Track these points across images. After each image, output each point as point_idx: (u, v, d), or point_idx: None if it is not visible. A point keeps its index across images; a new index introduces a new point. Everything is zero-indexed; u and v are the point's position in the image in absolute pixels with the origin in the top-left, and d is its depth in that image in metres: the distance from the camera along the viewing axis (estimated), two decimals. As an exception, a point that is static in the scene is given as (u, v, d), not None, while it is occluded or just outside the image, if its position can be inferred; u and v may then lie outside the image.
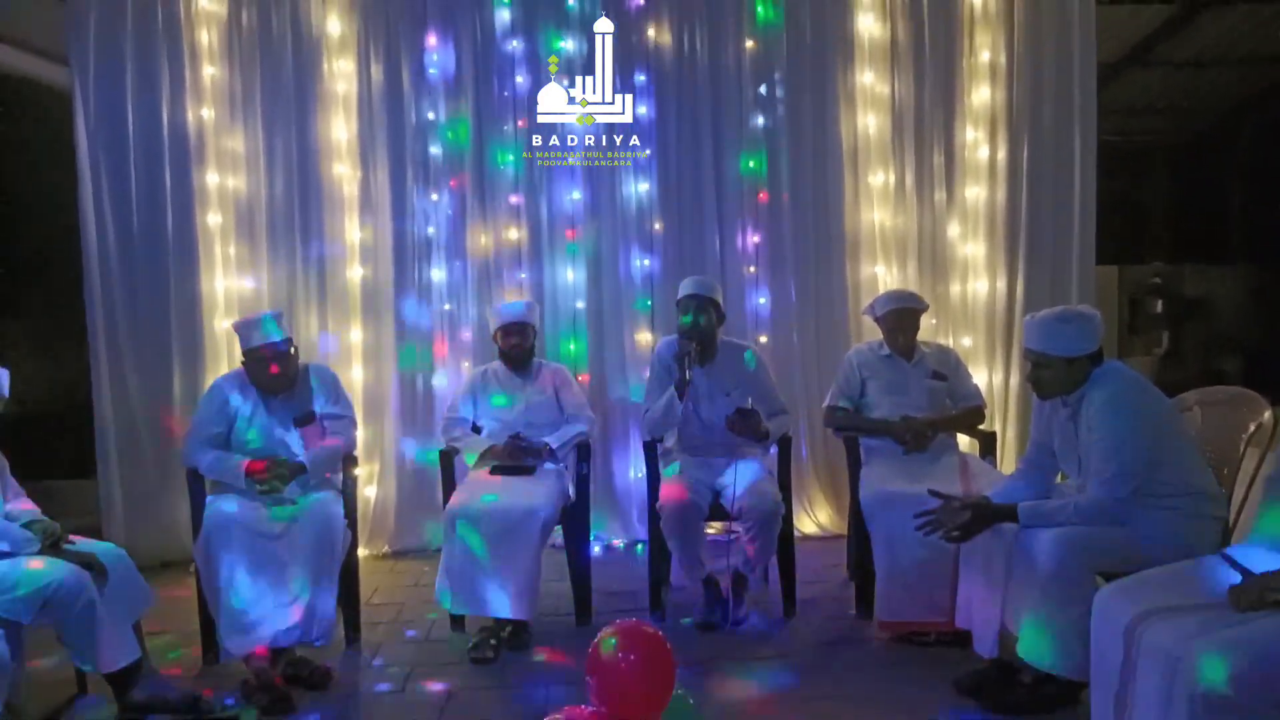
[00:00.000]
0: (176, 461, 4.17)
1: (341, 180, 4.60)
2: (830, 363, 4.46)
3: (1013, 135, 4.69)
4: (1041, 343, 2.77)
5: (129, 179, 4.42)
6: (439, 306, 4.66)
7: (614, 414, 4.69)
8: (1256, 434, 2.79)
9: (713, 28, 4.64)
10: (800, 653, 3.27)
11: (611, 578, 4.07)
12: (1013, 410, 4.72)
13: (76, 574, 2.68)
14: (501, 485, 3.53)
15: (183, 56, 4.44)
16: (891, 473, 3.46)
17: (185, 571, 3.93)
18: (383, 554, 4.61)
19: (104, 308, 4.43)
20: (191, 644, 3.31)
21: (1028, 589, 2.67)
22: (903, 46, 4.68)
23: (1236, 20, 6.81)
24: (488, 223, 4.65)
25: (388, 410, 4.65)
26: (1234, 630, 1.95)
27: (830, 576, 4.08)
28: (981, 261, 4.76)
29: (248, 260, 4.58)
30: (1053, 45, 4.63)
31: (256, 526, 3.11)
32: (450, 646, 3.41)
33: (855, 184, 4.71)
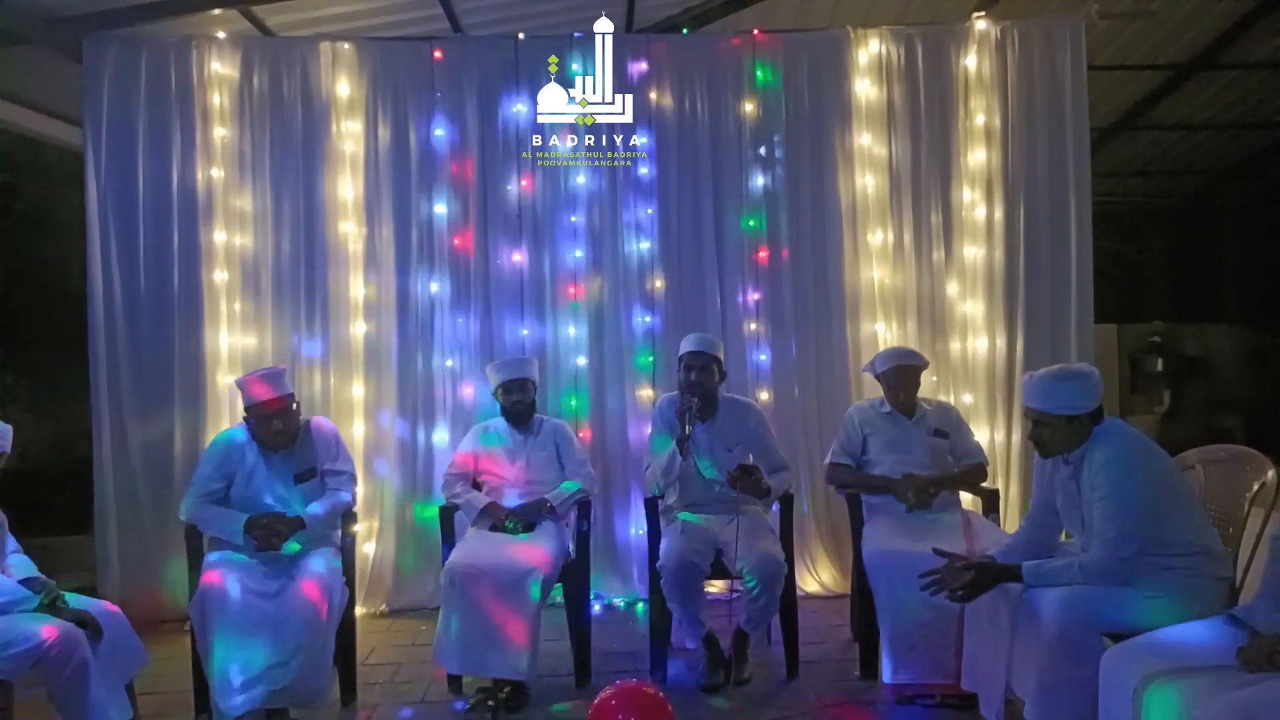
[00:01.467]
0: (174, 519, 4.15)
1: (347, 238, 4.66)
2: (831, 420, 4.47)
3: (1009, 196, 4.75)
4: (1041, 401, 2.78)
5: (137, 237, 4.48)
6: (441, 362, 4.68)
7: (615, 470, 4.68)
8: (1260, 493, 2.79)
9: (712, 91, 4.74)
10: (804, 714, 3.21)
11: (612, 637, 4.02)
12: (1015, 468, 4.71)
13: (71, 633, 2.65)
14: (501, 543, 3.50)
15: (194, 118, 4.53)
16: (894, 531, 3.44)
17: (180, 629, 3.88)
18: (380, 612, 4.55)
19: (107, 363, 4.45)
20: (186, 704, 3.26)
21: (1034, 649, 2.63)
22: (899, 109, 4.77)
23: (1223, 87, 6.98)
24: (490, 279, 4.69)
25: (391, 466, 4.64)
26: (1243, 692, 1.92)
27: (834, 636, 4.03)
28: (981, 319, 4.79)
29: (253, 316, 4.61)
30: (1046, 109, 4.72)
31: (253, 585, 3.09)
32: (447, 707, 3.35)
33: (854, 243, 4.77)
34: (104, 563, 4.41)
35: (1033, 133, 4.73)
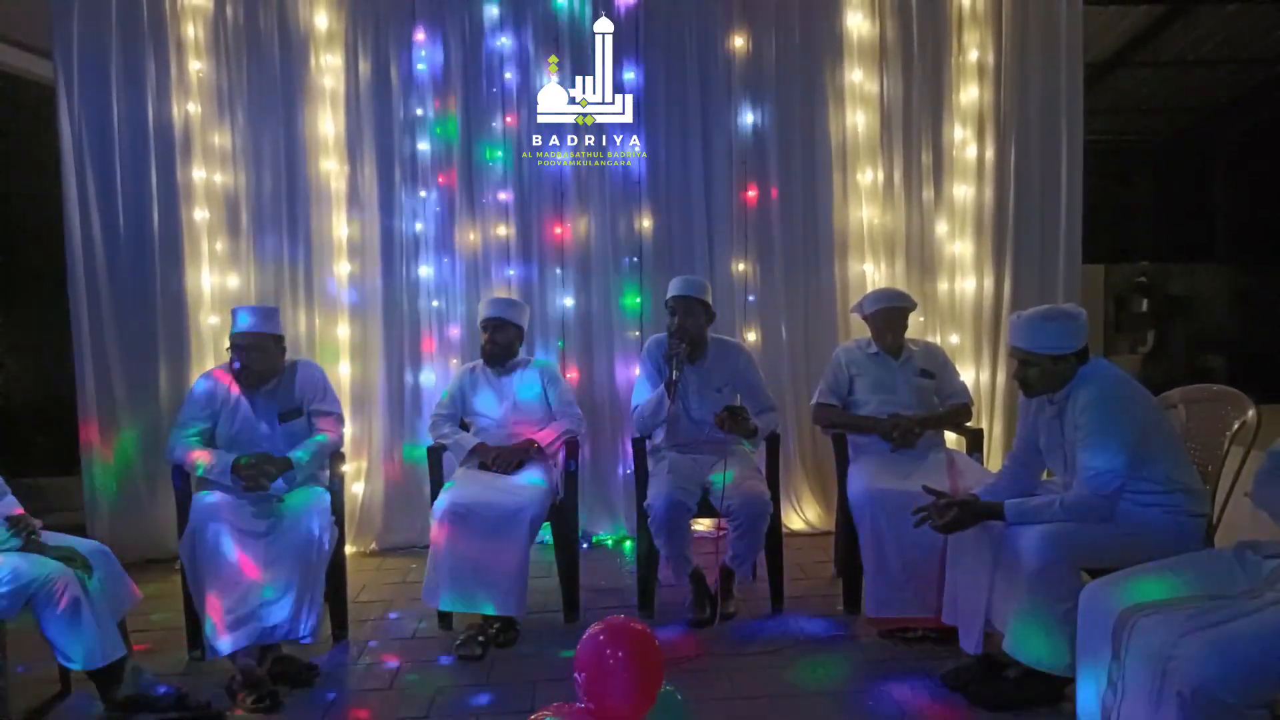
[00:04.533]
0: (161, 458, 4.15)
1: (329, 176, 4.58)
2: (818, 360, 4.48)
3: (1000, 134, 4.71)
4: (1027, 341, 2.79)
5: (114, 174, 4.39)
6: (427, 303, 4.64)
7: (602, 411, 4.69)
8: (1240, 432, 2.82)
9: (701, 23, 4.64)
10: (788, 648, 3.28)
11: (599, 575, 4.08)
12: (1000, 408, 4.75)
13: (62, 570, 2.66)
14: (490, 482, 3.52)
15: (168, 51, 4.41)
16: (879, 470, 3.47)
17: (170, 569, 3.91)
18: (370, 551, 4.59)
19: (89, 303, 4.39)
20: (177, 641, 3.30)
21: (1014, 585, 2.68)
22: (891, 45, 4.69)
23: (1221, 21, 6.86)
24: (476, 219, 4.64)
25: (376, 407, 4.64)
26: (1221, 628, 1.96)
27: (818, 573, 4.10)
28: (969, 260, 4.78)
29: (234, 256, 4.55)
30: (1040, 45, 4.65)
31: (242, 524, 3.10)
32: (437, 644, 3.40)
33: (844, 182, 4.72)
34: (92, 503, 4.42)
35: (1026, 69, 4.67)
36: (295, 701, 2.93)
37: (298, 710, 2.89)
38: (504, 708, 2.88)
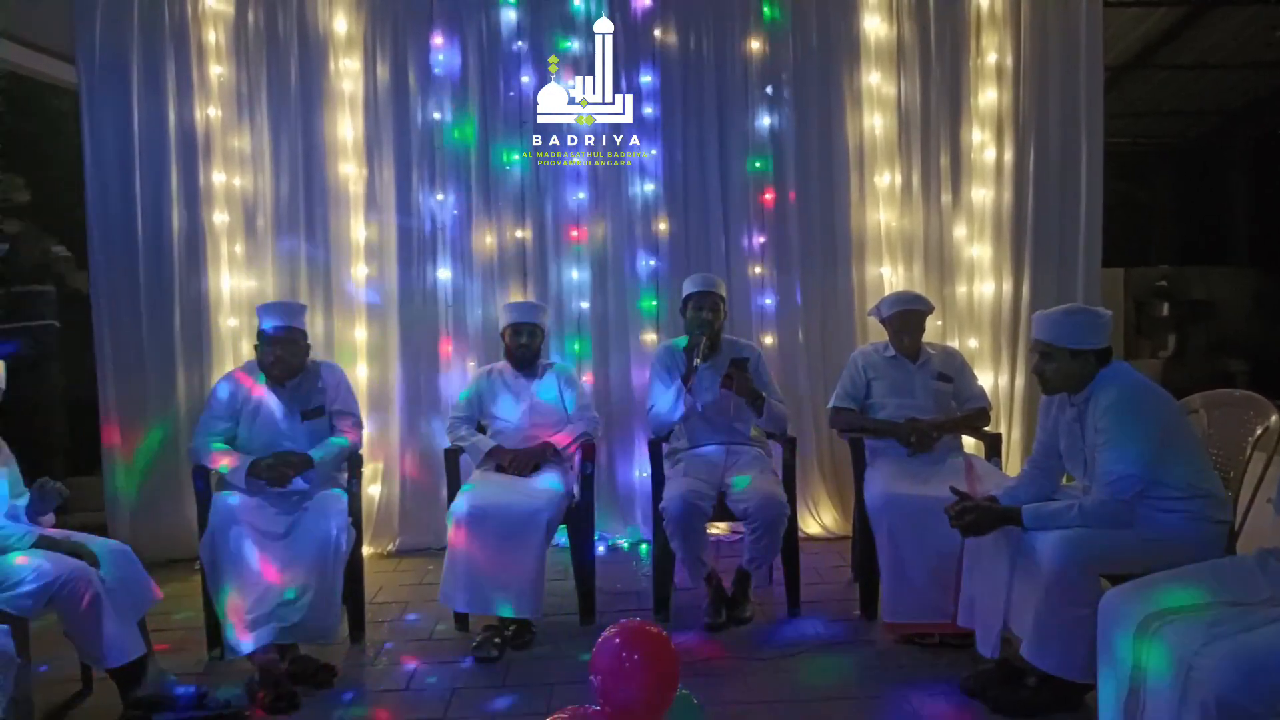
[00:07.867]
0: (182, 459, 4.19)
1: (347, 179, 4.60)
2: (835, 363, 4.46)
3: (1019, 137, 4.68)
4: (1048, 333, 2.77)
5: (134, 177, 4.42)
6: (444, 305, 4.66)
7: (619, 414, 4.69)
8: (1263, 437, 2.79)
9: (719, 28, 4.64)
10: (804, 653, 3.27)
11: (616, 578, 4.08)
12: (1019, 412, 4.71)
13: (83, 569, 2.69)
14: (507, 484, 3.53)
15: (189, 55, 4.45)
16: (896, 474, 3.46)
17: (191, 569, 3.94)
18: (387, 552, 4.61)
19: (109, 305, 4.44)
20: (197, 641, 3.32)
21: (1032, 590, 2.66)
22: (909, 47, 4.67)
23: (1241, 24, 6.81)
24: (493, 222, 4.65)
25: (393, 408, 4.66)
26: (1244, 636, 1.94)
27: (835, 577, 4.08)
28: (988, 263, 4.75)
29: (253, 258, 4.58)
30: (1059, 48, 4.62)
31: (262, 524, 3.12)
32: (454, 645, 3.41)
33: (861, 184, 4.71)
34: (113, 504, 4.46)
35: (1045, 72, 4.64)
36: (312, 702, 2.94)
37: (315, 710, 2.90)
38: (521, 710, 2.89)
